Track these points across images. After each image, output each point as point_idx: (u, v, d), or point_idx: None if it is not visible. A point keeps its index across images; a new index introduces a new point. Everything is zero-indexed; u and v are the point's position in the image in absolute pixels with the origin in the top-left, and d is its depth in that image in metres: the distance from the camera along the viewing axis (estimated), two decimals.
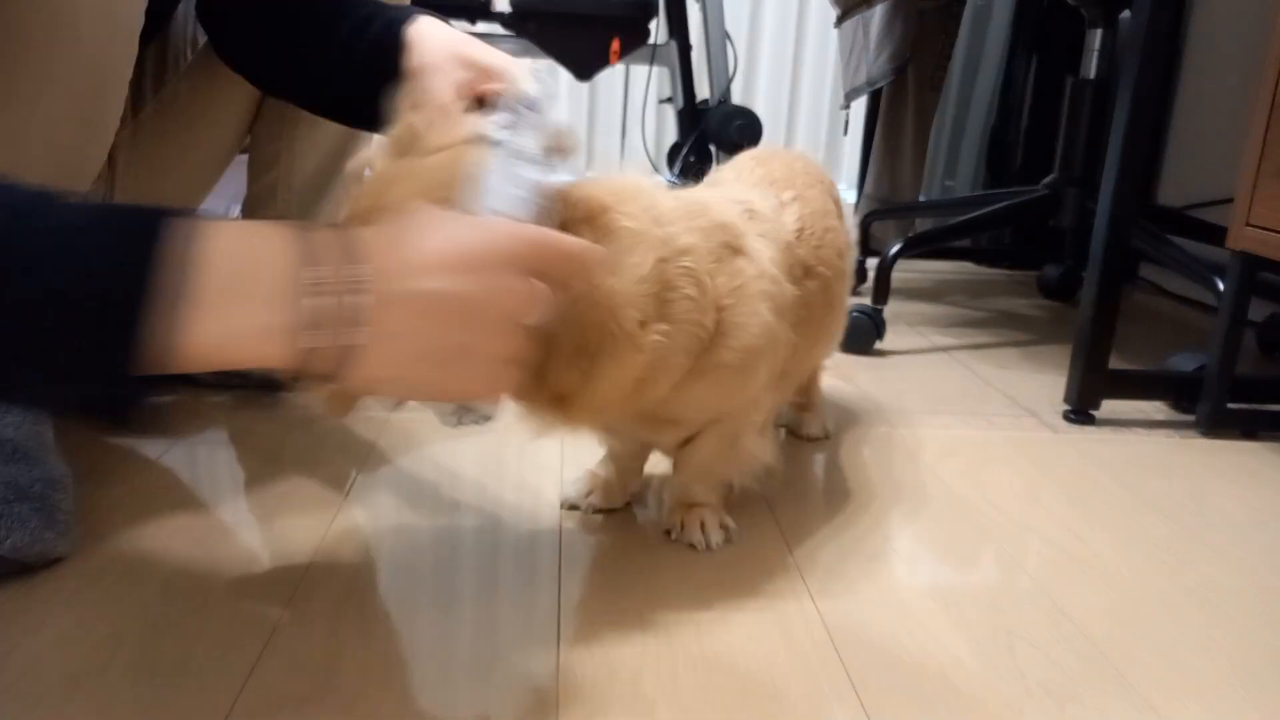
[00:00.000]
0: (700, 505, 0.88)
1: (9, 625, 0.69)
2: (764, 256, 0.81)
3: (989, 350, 1.59)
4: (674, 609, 0.76)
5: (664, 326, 0.72)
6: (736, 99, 2.53)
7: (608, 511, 0.92)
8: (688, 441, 0.87)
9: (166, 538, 0.83)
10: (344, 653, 0.68)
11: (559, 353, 0.68)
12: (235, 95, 1.12)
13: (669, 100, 2.51)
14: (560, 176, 0.70)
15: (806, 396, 1.17)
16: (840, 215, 1.03)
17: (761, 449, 0.89)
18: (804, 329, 0.87)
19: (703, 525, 0.87)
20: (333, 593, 0.76)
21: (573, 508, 0.92)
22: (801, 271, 0.87)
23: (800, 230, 0.89)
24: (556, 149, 0.72)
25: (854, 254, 1.15)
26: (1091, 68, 1.69)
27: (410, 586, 0.78)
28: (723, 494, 0.90)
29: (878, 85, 2.33)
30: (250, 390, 1.17)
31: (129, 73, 0.83)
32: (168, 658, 0.67)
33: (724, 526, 0.88)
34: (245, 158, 1.19)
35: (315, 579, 0.78)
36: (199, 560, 0.80)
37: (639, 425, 0.83)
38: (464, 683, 0.66)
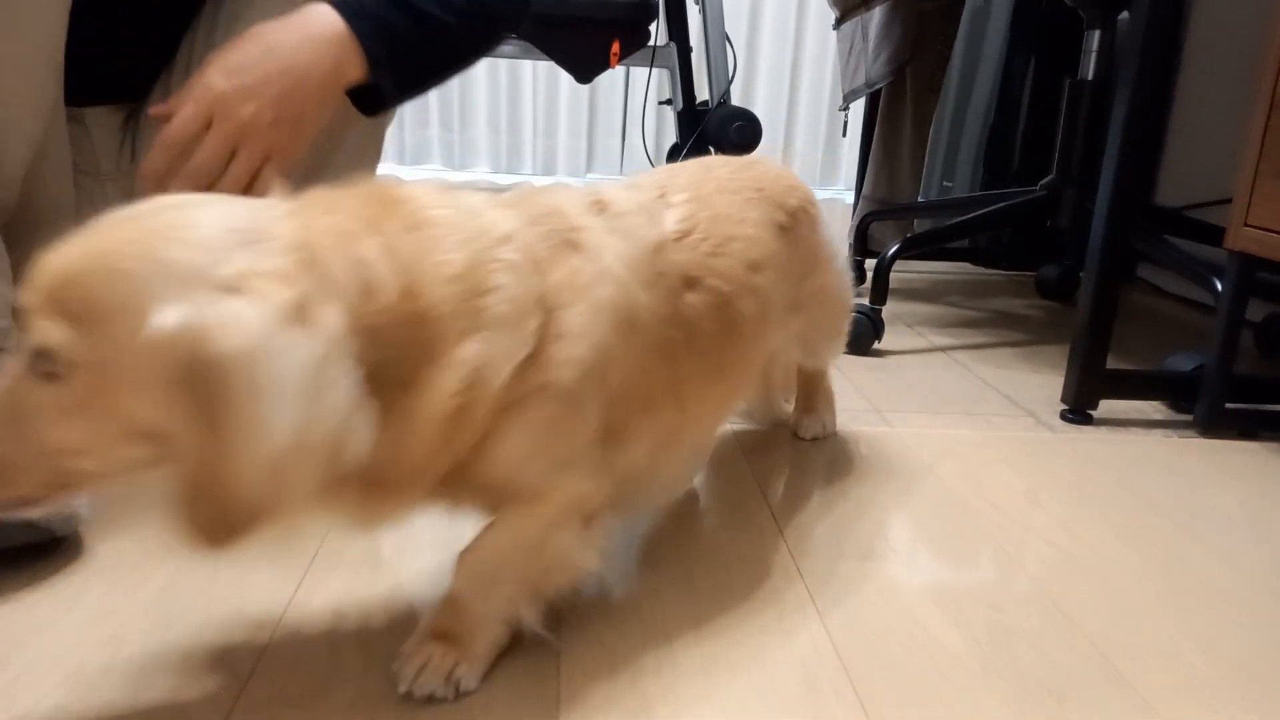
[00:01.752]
0: (448, 639, 0.65)
1: (12, 625, 0.69)
2: (610, 254, 0.66)
3: (987, 350, 1.59)
4: (674, 609, 0.76)
5: (478, 338, 0.57)
6: (736, 101, 2.53)
7: None
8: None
9: (167, 537, 0.83)
10: (344, 653, 0.68)
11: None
12: None
13: (669, 102, 2.52)
14: None
15: (810, 400, 1.16)
16: (789, 230, 0.88)
17: (581, 550, 0.67)
18: (684, 358, 0.71)
19: (422, 667, 0.64)
20: (333, 592, 0.76)
21: None
22: (679, 282, 0.72)
23: (684, 233, 0.74)
24: None
25: (838, 278, 1.03)
26: (1090, 68, 1.69)
27: (410, 587, 0.78)
28: (510, 620, 0.67)
29: (876, 87, 2.33)
30: None
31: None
32: (168, 657, 0.67)
33: (452, 679, 0.64)
34: None
35: (315, 578, 0.78)
36: (199, 560, 0.80)
37: (445, 491, 0.63)
38: None
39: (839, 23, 2.44)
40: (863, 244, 2.09)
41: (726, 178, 0.85)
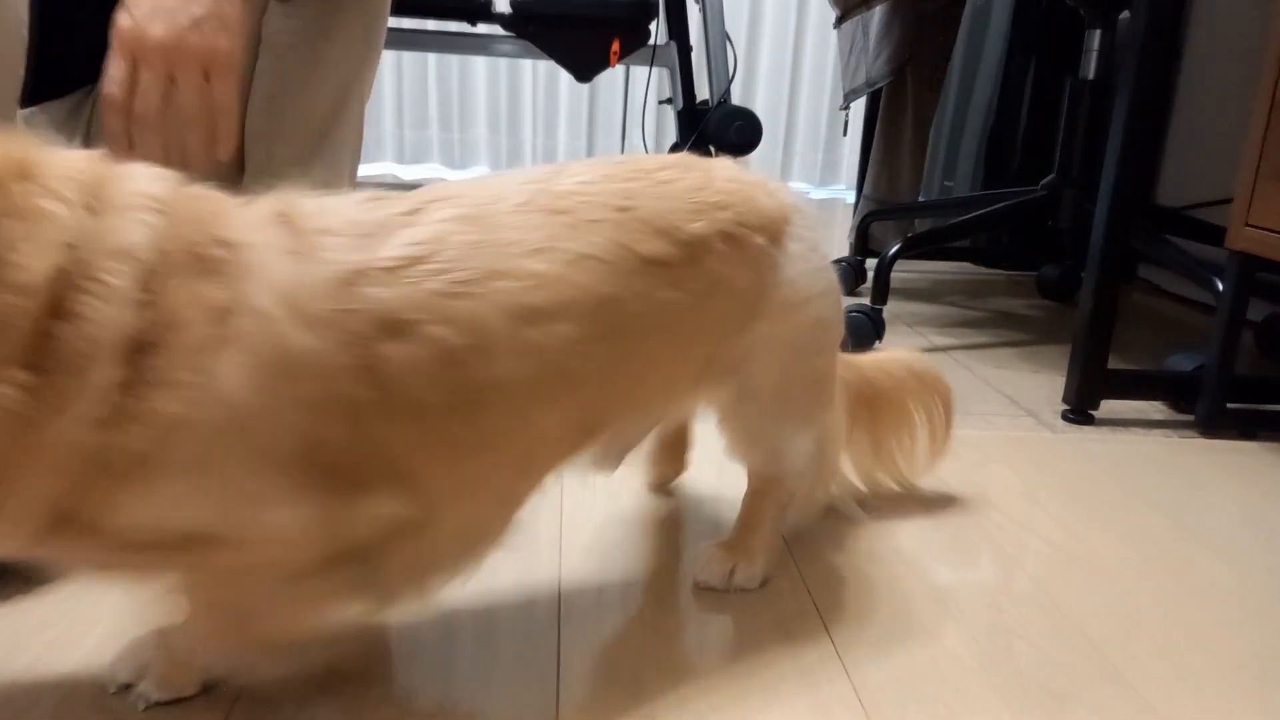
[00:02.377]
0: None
1: (11, 625, 0.69)
2: (261, 281, 0.52)
3: (988, 350, 1.59)
4: (673, 610, 0.76)
5: (29, 382, 0.46)
6: (736, 100, 2.53)
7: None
8: None
9: None
10: (344, 652, 0.68)
11: None
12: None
13: (669, 101, 2.52)
14: None
15: (744, 520, 0.82)
16: (679, 264, 0.65)
17: (300, 605, 0.57)
18: (387, 424, 0.54)
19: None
20: None
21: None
22: (373, 326, 0.53)
23: (407, 261, 0.55)
24: None
25: (818, 329, 0.76)
26: (1090, 68, 1.69)
27: None
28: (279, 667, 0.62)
29: (877, 86, 2.33)
30: None
31: None
32: None
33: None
34: None
35: None
36: None
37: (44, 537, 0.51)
38: (464, 682, 0.66)
39: (839, 22, 2.44)
40: (863, 244, 2.09)
41: (571, 189, 0.63)
